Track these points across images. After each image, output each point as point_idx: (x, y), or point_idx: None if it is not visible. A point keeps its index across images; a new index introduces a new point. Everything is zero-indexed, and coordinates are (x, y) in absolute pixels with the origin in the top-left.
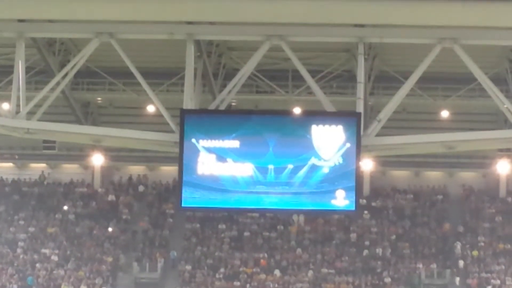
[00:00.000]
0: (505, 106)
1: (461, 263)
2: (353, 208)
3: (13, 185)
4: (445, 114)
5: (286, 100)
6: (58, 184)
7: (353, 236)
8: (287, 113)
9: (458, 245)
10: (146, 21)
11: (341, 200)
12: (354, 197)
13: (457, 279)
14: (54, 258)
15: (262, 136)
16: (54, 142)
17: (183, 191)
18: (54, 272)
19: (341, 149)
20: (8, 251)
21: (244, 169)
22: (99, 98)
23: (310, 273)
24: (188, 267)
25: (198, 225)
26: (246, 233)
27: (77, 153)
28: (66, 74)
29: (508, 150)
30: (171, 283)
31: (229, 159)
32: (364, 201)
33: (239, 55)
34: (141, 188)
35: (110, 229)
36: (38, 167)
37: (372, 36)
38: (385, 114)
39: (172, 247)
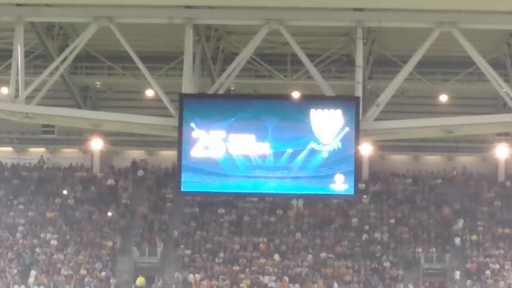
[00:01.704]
0: (504, 90)
1: (460, 247)
2: (352, 193)
3: (12, 170)
4: (444, 98)
5: (285, 84)
6: (58, 169)
7: (352, 220)
8: (286, 97)
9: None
10: (145, 5)
11: (340, 184)
12: (353, 182)
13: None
14: (54, 242)
15: (261, 120)
16: (53, 126)
17: (182, 175)
18: (54, 256)
19: (340, 134)
20: (7, 235)
21: (243, 153)
22: (98, 83)
23: (310, 257)
24: (188, 252)
25: (197, 210)
26: (246, 218)
27: (76, 137)
28: (65, 59)
29: (506, 134)
30: (170, 267)
31: (228, 144)
32: (363, 185)
33: (238, 39)
34: (140, 173)
35: (109, 214)
36: (37, 152)
37: (371, 20)
38: (384, 98)
39: (172, 231)
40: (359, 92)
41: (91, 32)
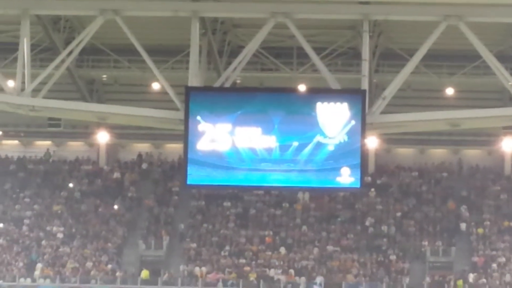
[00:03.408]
0: (510, 83)
1: (466, 239)
2: (358, 186)
3: (19, 163)
4: (450, 91)
5: (291, 77)
6: (64, 162)
7: (358, 213)
8: (292, 90)
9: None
10: None
11: (346, 177)
12: (359, 175)
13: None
14: (60, 235)
15: (267, 113)
16: (59, 119)
17: (189, 168)
18: (60, 249)
19: (346, 127)
20: (13, 228)
21: (249, 147)
22: (104, 76)
23: (316, 250)
24: (194, 245)
25: (203, 203)
26: (252, 211)
27: (82, 130)
28: (71, 52)
29: None
30: (176, 260)
31: (234, 137)
32: (369, 178)
33: (244, 32)
34: (146, 166)
35: (115, 207)
36: (43, 145)
37: (377, 13)
38: (390, 91)
39: (178, 224)
40: (365, 85)
41: (97, 25)
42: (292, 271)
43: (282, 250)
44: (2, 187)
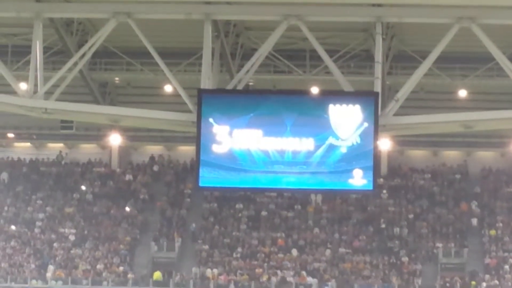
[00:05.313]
0: None
1: (479, 242)
2: (371, 188)
3: (31, 165)
4: (463, 93)
5: (303, 80)
6: (76, 164)
7: (371, 215)
8: (304, 92)
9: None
10: (163, 1)
11: (358, 179)
12: (372, 177)
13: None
14: (72, 237)
15: (280, 116)
16: (71, 122)
17: (201, 170)
18: (72, 251)
19: (359, 129)
20: (26, 230)
21: (261, 149)
22: (116, 78)
23: (328, 252)
24: (206, 247)
25: (215, 205)
26: (264, 213)
27: (95, 133)
28: (83, 54)
29: None
30: (188, 262)
31: (246, 139)
32: (382, 180)
33: (257, 35)
34: (158, 168)
35: (127, 209)
36: (55, 147)
37: (390, 16)
38: (403, 93)
39: (190, 226)
40: (378, 88)
41: (110, 27)
42: (304, 272)
43: (294, 252)
44: (15, 190)
